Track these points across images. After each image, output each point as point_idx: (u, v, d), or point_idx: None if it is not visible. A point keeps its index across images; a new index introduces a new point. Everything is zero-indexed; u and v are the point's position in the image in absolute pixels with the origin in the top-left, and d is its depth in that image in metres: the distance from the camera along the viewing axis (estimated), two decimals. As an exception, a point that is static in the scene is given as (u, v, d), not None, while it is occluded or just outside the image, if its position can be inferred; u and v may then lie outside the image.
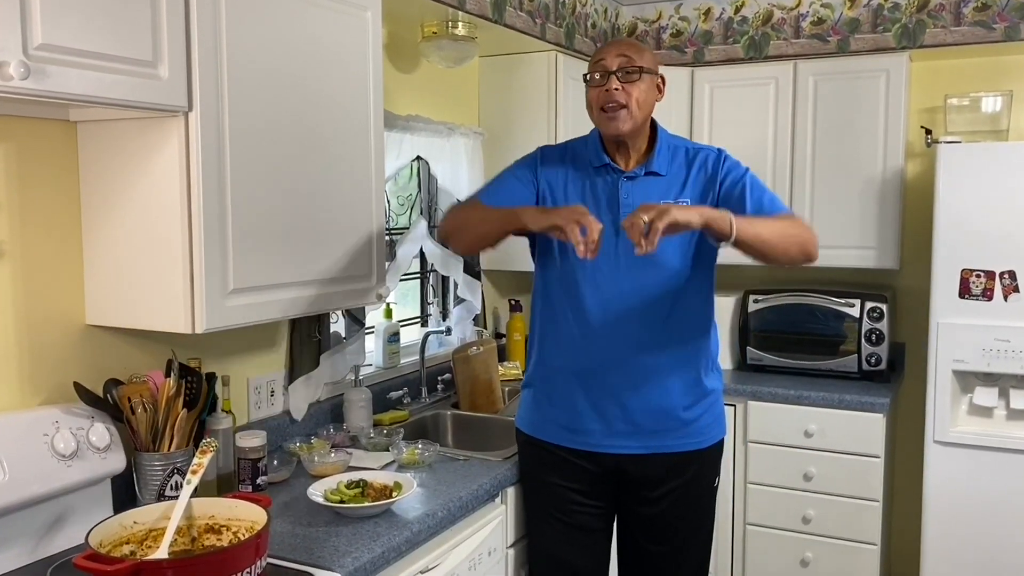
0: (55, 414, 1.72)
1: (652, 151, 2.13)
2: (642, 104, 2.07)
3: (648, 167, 2.11)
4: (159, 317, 1.76)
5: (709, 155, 2.14)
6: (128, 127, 1.74)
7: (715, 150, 2.16)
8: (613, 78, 2.04)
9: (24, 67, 1.34)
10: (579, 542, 2.20)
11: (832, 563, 3.18)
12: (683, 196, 2.10)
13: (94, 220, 1.83)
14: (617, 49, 2.08)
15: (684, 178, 2.12)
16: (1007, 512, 2.91)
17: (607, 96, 2.05)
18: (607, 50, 2.09)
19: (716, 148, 2.17)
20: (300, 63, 1.92)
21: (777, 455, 3.24)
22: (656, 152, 2.12)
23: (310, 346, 2.45)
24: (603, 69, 2.06)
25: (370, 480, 2.02)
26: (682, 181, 2.12)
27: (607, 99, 2.05)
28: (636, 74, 2.05)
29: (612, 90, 2.04)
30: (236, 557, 1.41)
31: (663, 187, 2.11)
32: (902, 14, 3.30)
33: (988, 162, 2.90)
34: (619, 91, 2.04)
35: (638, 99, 2.05)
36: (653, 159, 2.12)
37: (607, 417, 2.11)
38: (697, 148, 2.17)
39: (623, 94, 2.04)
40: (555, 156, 2.21)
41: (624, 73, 2.04)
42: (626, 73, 2.04)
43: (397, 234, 2.90)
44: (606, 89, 2.05)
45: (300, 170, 1.94)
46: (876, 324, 3.28)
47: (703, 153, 2.15)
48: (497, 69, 3.31)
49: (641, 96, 2.06)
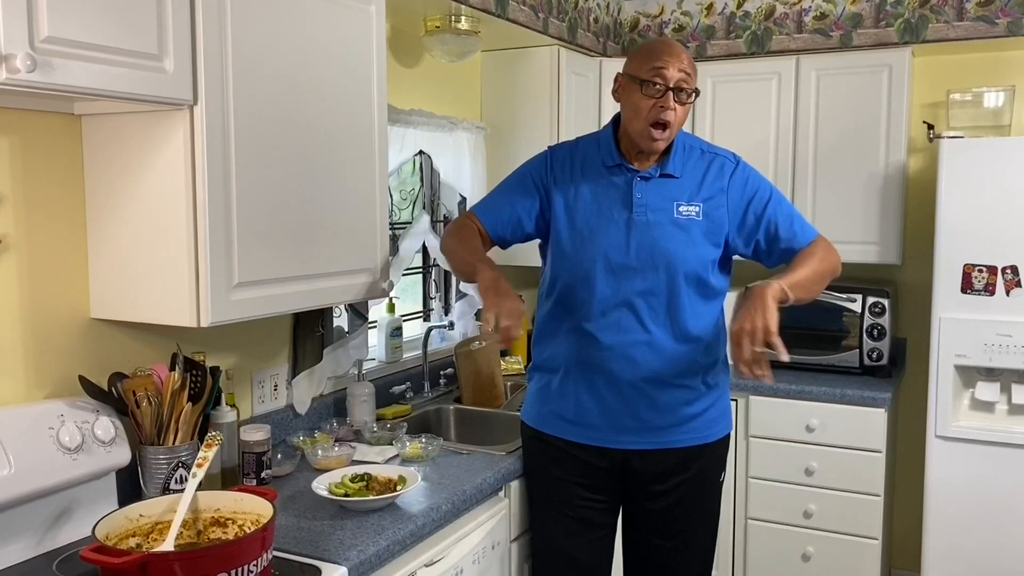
0: (60, 407, 1.72)
1: (668, 152, 2.10)
2: (681, 122, 2.05)
3: (663, 168, 2.09)
4: (164, 311, 1.76)
5: (726, 163, 2.12)
6: (133, 121, 1.74)
7: (732, 159, 2.14)
8: (671, 96, 1.98)
9: (31, 59, 1.34)
10: (583, 536, 2.20)
11: (833, 557, 3.19)
12: (696, 200, 2.08)
13: (99, 214, 1.83)
14: (679, 62, 1.98)
15: (699, 181, 2.10)
16: (1008, 507, 2.92)
17: (661, 114, 1.98)
18: (669, 59, 1.98)
19: (733, 156, 2.15)
20: (305, 57, 1.92)
21: (779, 450, 3.24)
22: (672, 154, 2.10)
23: (313, 340, 2.46)
24: (663, 82, 1.98)
25: (374, 474, 2.03)
26: (696, 184, 2.10)
27: (660, 117, 1.99)
28: (692, 96, 2.01)
29: (668, 109, 1.98)
30: (242, 550, 1.41)
31: (677, 189, 2.09)
32: (905, 9, 3.30)
33: (990, 157, 2.90)
34: (673, 111, 1.99)
35: (681, 118, 2.03)
36: (669, 161, 2.09)
37: (613, 412, 2.11)
38: (713, 151, 2.15)
39: (673, 114, 2.00)
40: (566, 155, 2.19)
41: (683, 94, 1.99)
42: (684, 95, 2.00)
43: (400, 229, 2.90)
44: (662, 107, 1.98)
45: (304, 164, 1.94)
46: (878, 319, 3.28)
47: (720, 159, 2.13)
48: (500, 63, 3.31)
49: (684, 117, 2.04)
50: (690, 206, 2.08)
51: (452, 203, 3.15)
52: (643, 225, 2.07)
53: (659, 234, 2.06)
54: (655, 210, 2.08)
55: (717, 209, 2.09)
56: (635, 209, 2.07)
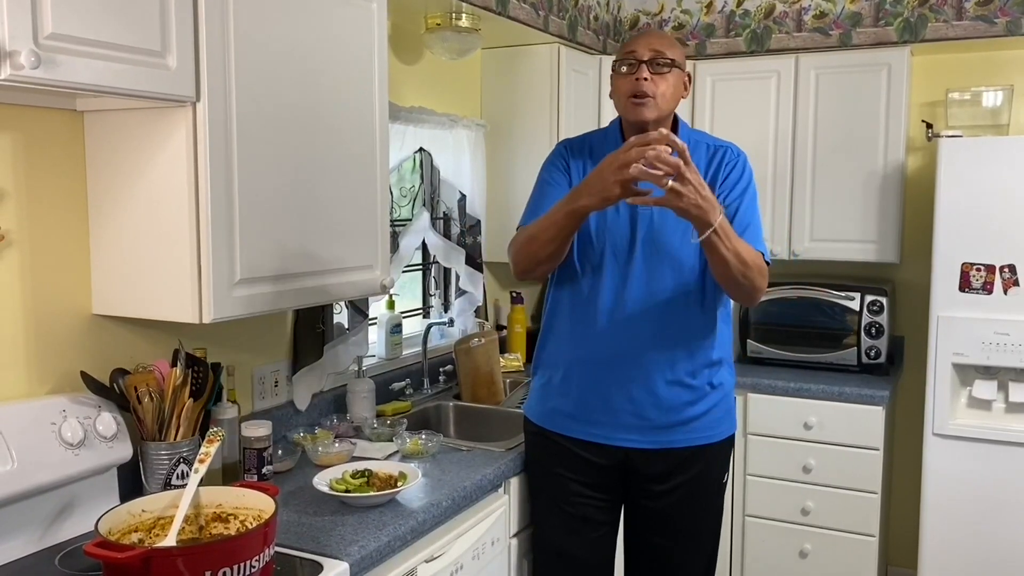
0: (63, 403, 1.73)
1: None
2: (669, 97, 2.07)
3: None
4: (166, 307, 1.76)
5: (729, 154, 2.13)
6: (135, 117, 1.74)
7: (735, 154, 2.14)
8: (644, 68, 2.04)
9: (35, 56, 1.34)
10: (584, 534, 2.20)
11: (831, 554, 3.20)
12: None
13: (101, 210, 1.83)
14: (649, 41, 2.07)
15: (703, 175, 2.08)
16: (1005, 504, 2.93)
17: (636, 85, 2.04)
18: (639, 41, 2.08)
19: (737, 151, 2.15)
20: (307, 54, 1.92)
21: (777, 447, 3.25)
22: None
23: (314, 337, 2.46)
24: (634, 59, 2.06)
25: (375, 470, 2.03)
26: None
27: (636, 88, 2.05)
28: (667, 67, 2.05)
29: (642, 79, 2.04)
30: (245, 545, 1.42)
31: None
32: (904, 8, 3.31)
33: (989, 156, 2.91)
34: (648, 81, 2.04)
35: (664, 92, 2.05)
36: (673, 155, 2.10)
37: (615, 410, 2.11)
38: (719, 145, 2.16)
39: (651, 85, 2.04)
40: (577, 147, 2.23)
41: (655, 65, 2.04)
42: (657, 65, 2.04)
43: (400, 226, 2.91)
44: (636, 78, 2.04)
45: (306, 161, 1.94)
46: (876, 317, 3.29)
47: (724, 151, 2.14)
48: (500, 61, 3.31)
49: (668, 89, 2.06)
50: None
51: (452, 200, 3.15)
52: (647, 217, 2.08)
53: (662, 228, 2.07)
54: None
55: (719, 195, 2.07)
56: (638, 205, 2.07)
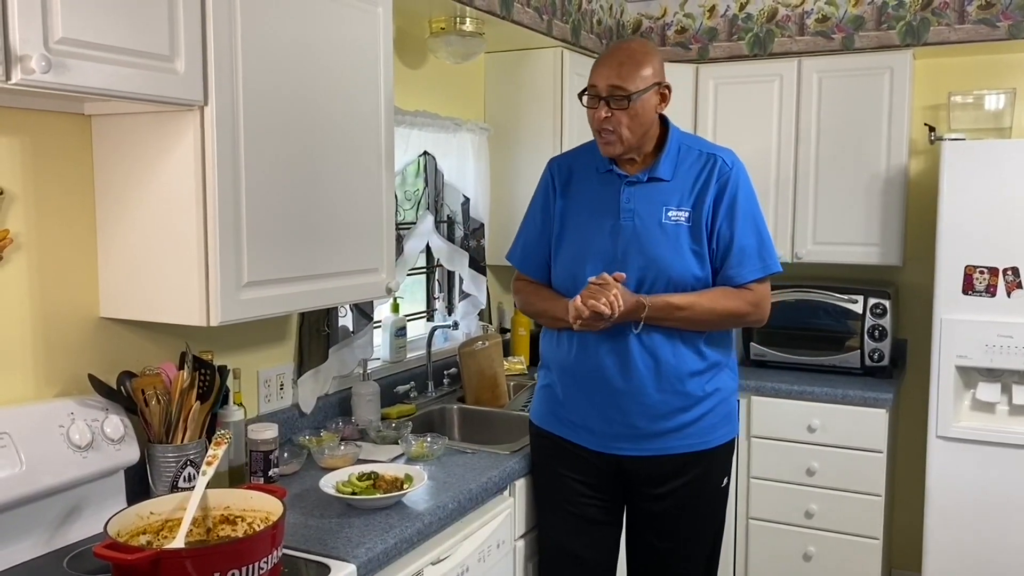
0: (70, 406, 1.73)
1: (659, 155, 2.10)
2: (634, 128, 2.04)
3: (652, 172, 2.10)
4: (173, 310, 1.77)
5: (721, 163, 2.09)
6: (143, 121, 1.75)
7: (728, 164, 2.09)
8: (603, 105, 2.02)
9: (45, 60, 1.35)
10: (588, 534, 2.21)
11: (834, 557, 3.20)
12: (686, 204, 2.07)
13: (108, 213, 1.84)
14: (607, 75, 2.02)
15: (691, 184, 2.08)
16: (1009, 507, 2.93)
17: (599, 122, 2.04)
18: (599, 72, 2.04)
19: (731, 160, 2.10)
20: (313, 58, 1.93)
21: (780, 450, 3.25)
22: (663, 156, 2.10)
23: (319, 340, 2.47)
24: (596, 92, 2.04)
25: (381, 472, 2.04)
26: (689, 187, 2.08)
27: (598, 125, 2.05)
28: (624, 102, 2.01)
29: (602, 117, 2.03)
30: (253, 547, 1.43)
31: (665, 193, 2.08)
32: (906, 11, 3.32)
33: (991, 159, 2.91)
34: (609, 117, 2.02)
35: (629, 124, 2.02)
36: (658, 164, 2.09)
37: (607, 419, 2.12)
38: (712, 152, 2.12)
39: (613, 120, 2.02)
40: (565, 165, 2.24)
41: (613, 100, 2.01)
42: (615, 100, 2.01)
43: (404, 229, 2.91)
44: (596, 116, 2.04)
45: (312, 164, 1.95)
46: (879, 320, 3.29)
47: (716, 159, 2.10)
48: (503, 65, 3.32)
49: (632, 121, 2.03)
50: (679, 211, 2.07)
51: (456, 204, 3.16)
52: (630, 230, 2.08)
53: (646, 239, 2.07)
54: (642, 215, 2.08)
55: (704, 210, 2.06)
56: (622, 215, 2.08)
